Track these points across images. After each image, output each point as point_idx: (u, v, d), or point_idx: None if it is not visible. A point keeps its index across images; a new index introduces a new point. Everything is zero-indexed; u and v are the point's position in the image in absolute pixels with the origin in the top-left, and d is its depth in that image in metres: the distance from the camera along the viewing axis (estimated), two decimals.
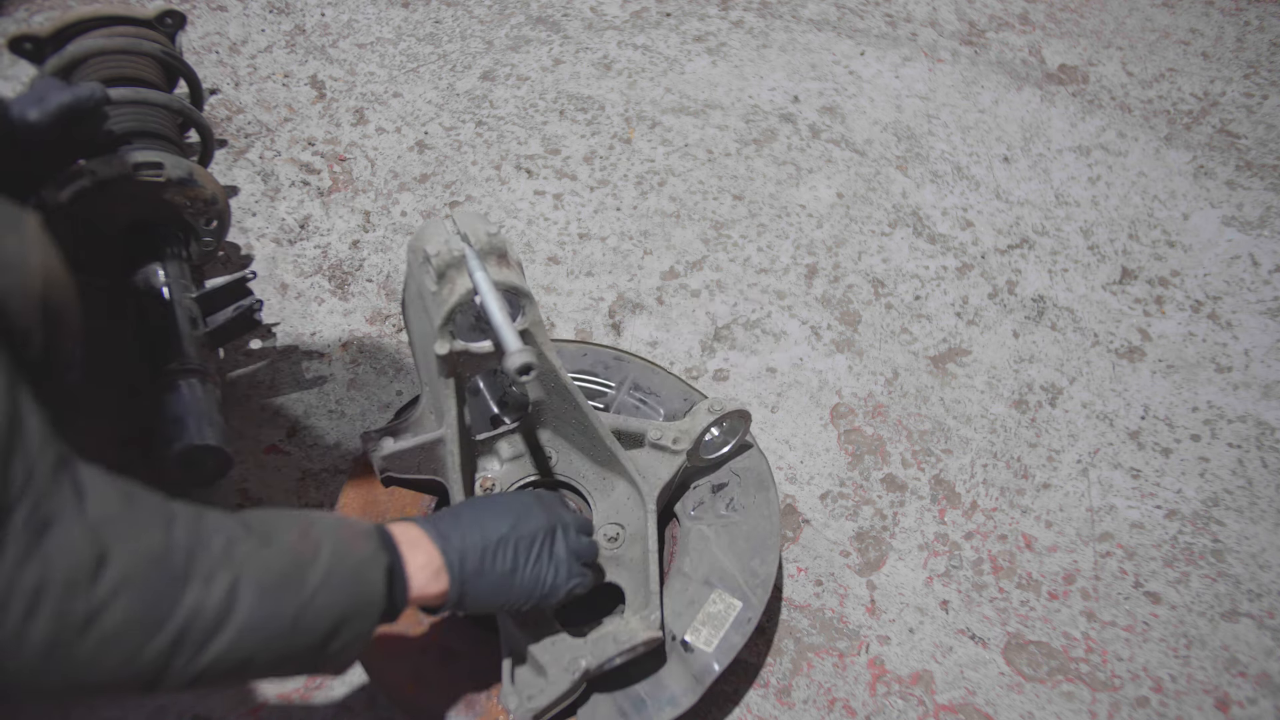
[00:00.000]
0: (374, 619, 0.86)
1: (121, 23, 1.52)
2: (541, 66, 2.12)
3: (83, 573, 0.67)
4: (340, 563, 0.84)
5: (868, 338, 1.67)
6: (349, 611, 0.83)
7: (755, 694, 1.26)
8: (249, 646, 0.76)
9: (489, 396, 1.22)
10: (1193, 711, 1.27)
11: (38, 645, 0.66)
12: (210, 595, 0.74)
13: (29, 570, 0.65)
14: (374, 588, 0.86)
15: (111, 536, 0.70)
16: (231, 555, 0.76)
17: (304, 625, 0.80)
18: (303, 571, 0.80)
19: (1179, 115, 2.11)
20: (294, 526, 0.84)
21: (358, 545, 0.86)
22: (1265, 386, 1.63)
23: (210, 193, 1.41)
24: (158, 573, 0.71)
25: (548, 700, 1.02)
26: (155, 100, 1.44)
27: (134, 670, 0.71)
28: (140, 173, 1.33)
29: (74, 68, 1.44)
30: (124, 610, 0.69)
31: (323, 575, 0.81)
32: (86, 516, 0.69)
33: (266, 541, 0.80)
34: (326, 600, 0.81)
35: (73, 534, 0.67)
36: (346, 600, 0.83)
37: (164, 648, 0.72)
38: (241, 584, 0.76)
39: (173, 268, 1.38)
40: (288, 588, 0.79)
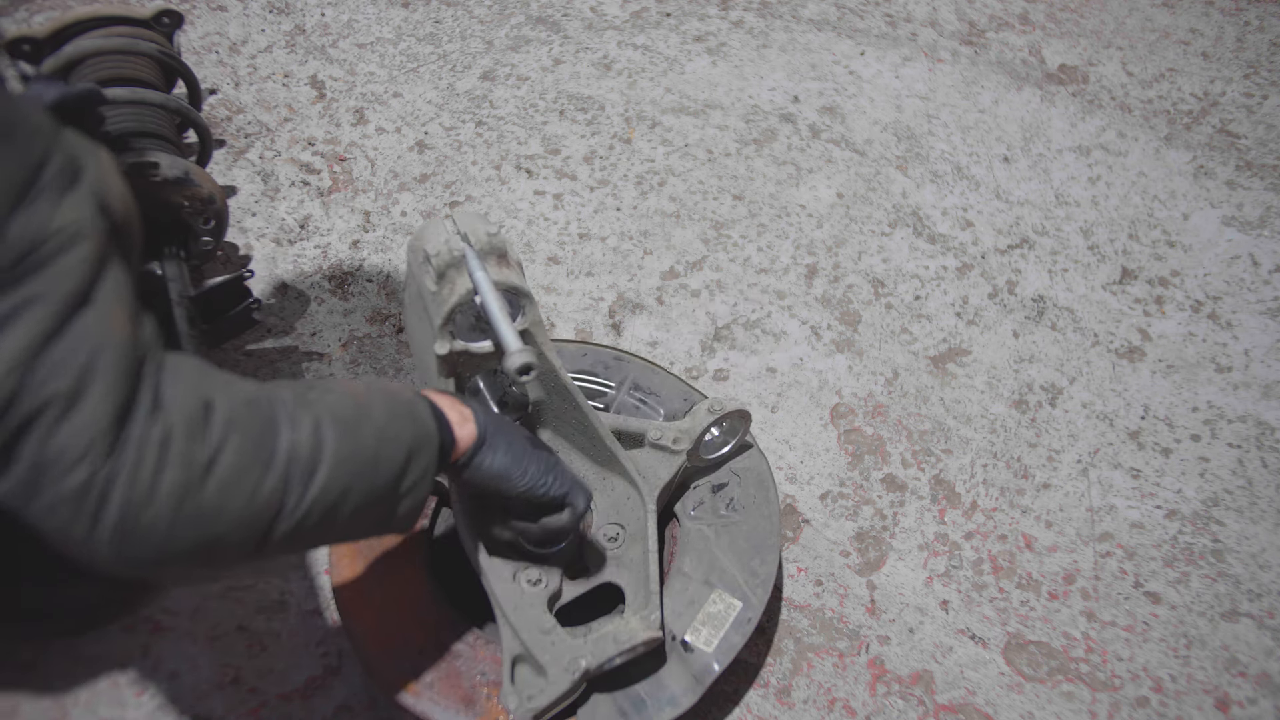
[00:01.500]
0: (435, 450, 0.91)
1: (119, 23, 1.52)
2: (541, 66, 2.12)
3: (197, 419, 0.73)
4: (393, 402, 0.90)
5: (868, 338, 1.67)
6: (415, 442, 0.89)
7: (755, 694, 1.26)
8: (344, 479, 0.82)
9: (489, 396, 1.22)
10: (1193, 711, 1.27)
11: (169, 495, 0.70)
12: (300, 433, 0.79)
13: (156, 423, 0.71)
14: (427, 422, 0.91)
15: (210, 388, 0.76)
16: (305, 401, 0.82)
17: (384, 454, 0.85)
18: (367, 410, 0.86)
19: (1179, 115, 2.11)
20: (338, 381, 0.90)
21: (400, 391, 0.93)
22: (1265, 386, 1.63)
23: (208, 192, 1.40)
24: (255, 416, 0.77)
25: (548, 700, 1.02)
26: (153, 100, 1.44)
27: (254, 511, 0.75)
28: (137, 172, 1.33)
29: (71, 68, 1.44)
30: (236, 451, 0.74)
31: (384, 412, 0.87)
32: (184, 374, 0.75)
33: (328, 390, 0.86)
34: (396, 431, 0.87)
35: (181, 387, 0.73)
36: (411, 432, 0.89)
37: (276, 483, 0.77)
38: (323, 423, 0.81)
39: (171, 267, 1.38)
40: (361, 422, 0.85)
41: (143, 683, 1.22)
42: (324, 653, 1.26)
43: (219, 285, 1.44)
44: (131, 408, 0.70)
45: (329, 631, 1.28)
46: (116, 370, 0.69)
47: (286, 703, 1.22)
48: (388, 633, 1.14)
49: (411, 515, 0.92)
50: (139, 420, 0.70)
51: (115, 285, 0.72)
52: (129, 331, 0.71)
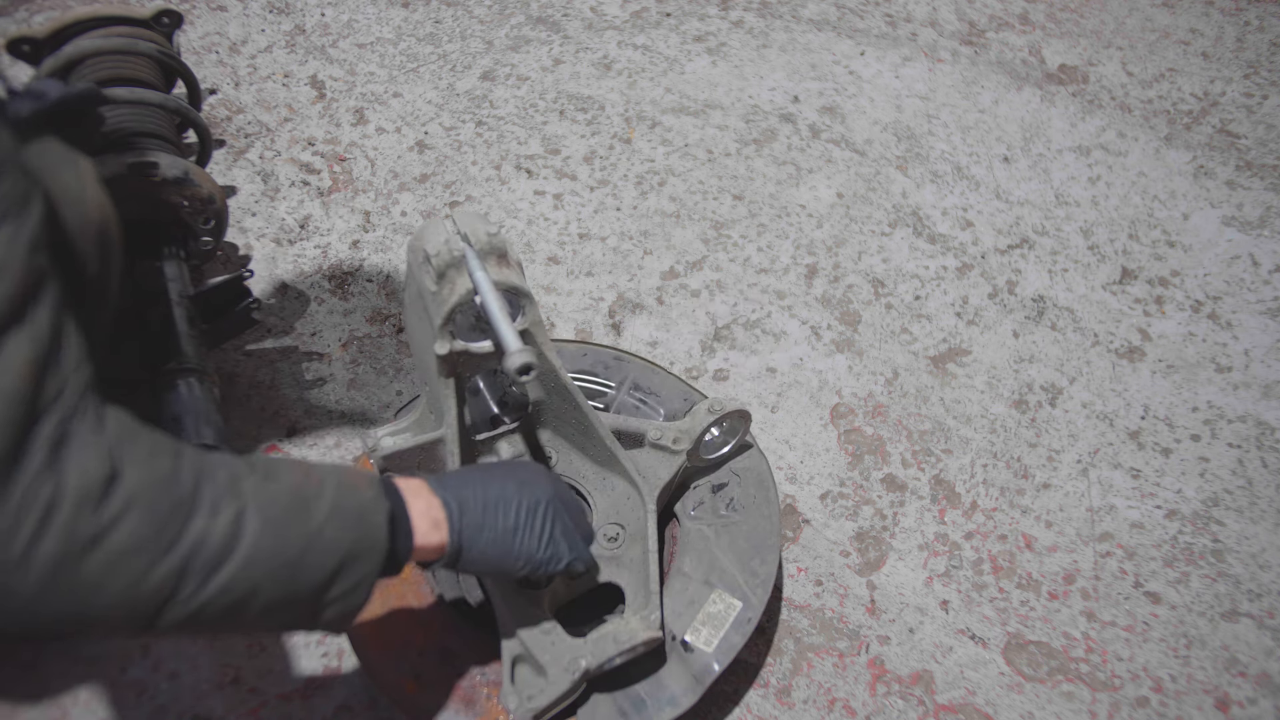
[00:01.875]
0: (378, 563, 0.85)
1: (118, 23, 1.52)
2: (541, 66, 2.12)
3: (94, 490, 0.68)
4: (344, 500, 0.83)
5: (868, 338, 1.67)
6: (354, 550, 0.82)
7: (755, 694, 1.26)
8: (254, 579, 0.76)
9: (489, 396, 1.22)
10: (1193, 711, 1.27)
11: (45, 563, 0.66)
12: (217, 524, 0.74)
13: (44, 484, 0.66)
14: (378, 530, 0.85)
15: (124, 458, 0.71)
16: (237, 488, 0.77)
17: (309, 561, 0.79)
18: (307, 506, 0.80)
19: (1179, 115, 2.11)
20: (296, 467, 0.84)
21: (360, 487, 0.86)
22: (1265, 386, 1.63)
23: (207, 192, 1.40)
24: (166, 496, 0.72)
25: (548, 700, 1.02)
26: (152, 100, 1.44)
27: (139, 595, 0.71)
28: (136, 172, 1.33)
29: (70, 68, 1.44)
30: (131, 530, 0.69)
31: (327, 512, 0.81)
32: (104, 437, 0.70)
33: (271, 477, 0.80)
34: (332, 536, 0.81)
35: (88, 451, 0.68)
36: (351, 538, 0.82)
37: (170, 573, 0.71)
38: (247, 515, 0.76)
39: (170, 267, 1.38)
40: (293, 521, 0.79)
41: (143, 683, 1.22)
42: (324, 653, 1.26)
43: (218, 285, 1.44)
44: (15, 465, 0.65)
45: None
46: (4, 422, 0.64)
47: (286, 703, 1.22)
48: (388, 633, 1.14)
49: (339, 622, 0.86)
50: (25, 478, 0.65)
51: (29, 334, 0.67)
52: (29, 383, 0.66)
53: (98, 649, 1.24)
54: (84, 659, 1.23)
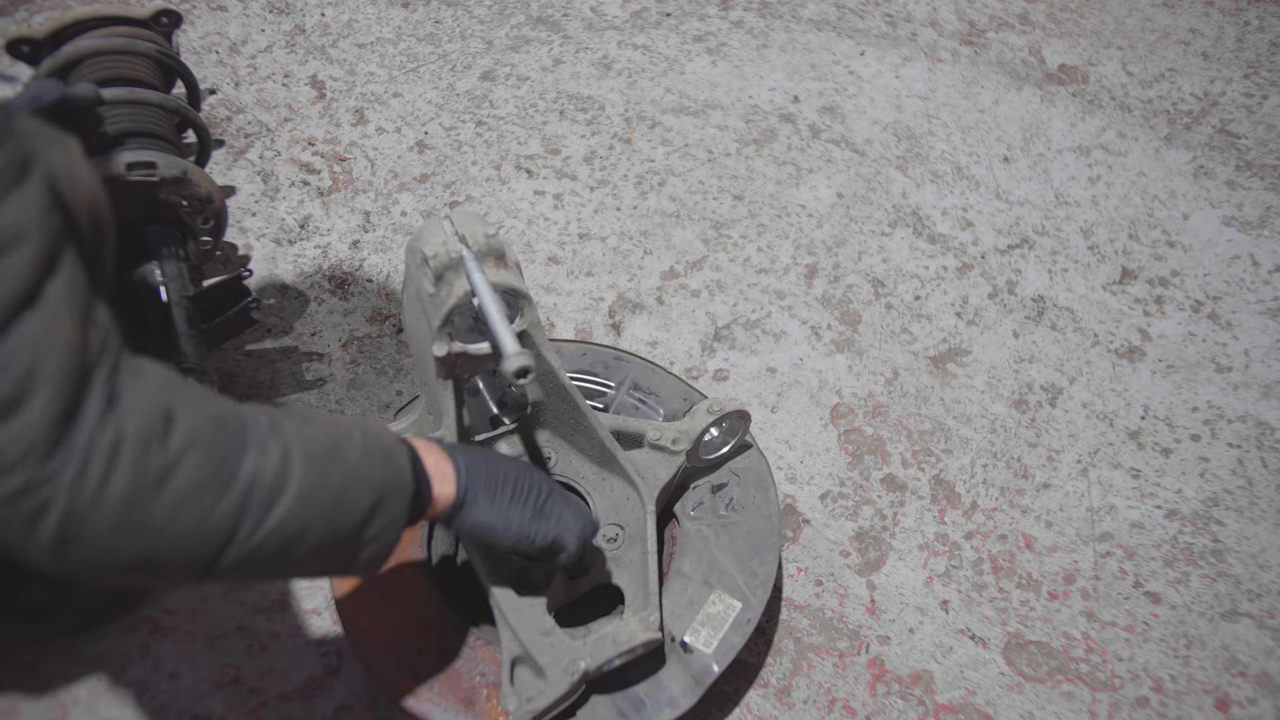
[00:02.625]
0: (407, 501, 0.88)
1: (117, 23, 1.52)
2: (541, 66, 2.12)
3: (154, 430, 0.70)
4: (372, 444, 0.87)
5: (868, 338, 1.67)
6: (386, 488, 0.86)
7: (755, 694, 1.26)
8: (305, 515, 0.79)
9: (488, 397, 1.22)
10: (1193, 711, 1.27)
11: (116, 505, 0.68)
12: (267, 461, 0.77)
13: (107, 427, 0.68)
14: (403, 470, 0.89)
15: (175, 400, 0.73)
16: (279, 429, 0.80)
17: (350, 497, 0.83)
18: (341, 447, 0.84)
19: (1179, 115, 2.11)
20: (323, 414, 0.88)
21: (383, 433, 0.90)
22: (1265, 386, 1.63)
23: (206, 191, 1.41)
24: (221, 435, 0.75)
25: (547, 701, 1.02)
26: (151, 100, 1.44)
27: (204, 534, 0.73)
28: (133, 172, 1.32)
29: (69, 69, 1.44)
30: (194, 468, 0.72)
31: (360, 452, 0.85)
32: (149, 383, 0.73)
33: (306, 421, 0.84)
34: (367, 474, 0.84)
35: (140, 396, 0.71)
36: (383, 476, 0.86)
37: (232, 509, 0.74)
38: (293, 453, 0.79)
39: (170, 267, 1.38)
40: (333, 458, 0.82)
41: (143, 683, 1.22)
42: (324, 653, 1.26)
43: (217, 285, 1.44)
44: (77, 412, 0.67)
45: (329, 631, 1.28)
46: (60, 376, 0.66)
47: (286, 703, 1.22)
48: (388, 633, 1.14)
49: (375, 562, 0.89)
50: (86, 425, 0.67)
51: (65, 287, 0.70)
52: (77, 335, 0.69)
53: (98, 649, 1.24)
54: (84, 659, 1.23)
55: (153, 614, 1.28)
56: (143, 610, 1.28)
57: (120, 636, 1.25)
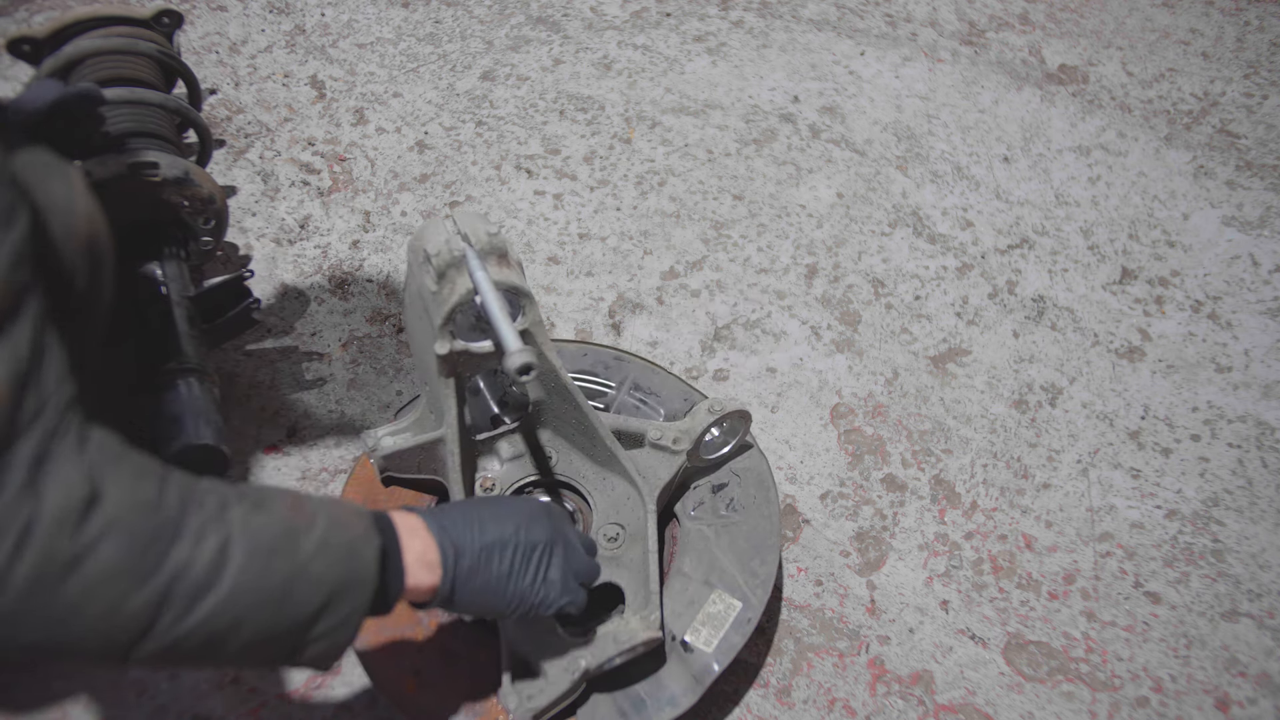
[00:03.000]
0: (366, 599, 0.83)
1: (118, 23, 1.52)
2: (541, 66, 2.12)
3: (73, 511, 0.66)
4: (334, 535, 0.81)
5: (868, 338, 1.67)
6: (341, 587, 0.80)
7: (755, 694, 1.26)
8: (236, 611, 0.74)
9: (489, 396, 1.22)
10: (1193, 711, 1.27)
11: (20, 585, 0.64)
12: (201, 553, 0.72)
13: (23, 505, 0.64)
14: (367, 567, 0.83)
15: (106, 480, 0.69)
16: (224, 516, 0.75)
17: (295, 595, 0.77)
18: (295, 539, 0.78)
19: (1179, 115, 2.11)
20: (286, 497, 0.82)
21: (352, 523, 0.84)
22: (1265, 386, 1.63)
23: (207, 192, 1.41)
24: (148, 522, 0.70)
25: (547, 700, 1.02)
26: (152, 100, 1.44)
27: (116, 623, 0.69)
28: (136, 173, 1.32)
29: (70, 69, 1.44)
30: (111, 555, 0.67)
31: (316, 545, 0.79)
32: (85, 457, 0.69)
33: (260, 508, 0.78)
34: (320, 570, 0.79)
35: (68, 471, 0.67)
36: (339, 574, 0.80)
37: (149, 601, 0.69)
38: (233, 544, 0.74)
39: (171, 267, 1.38)
40: (280, 553, 0.77)
41: (143, 683, 1.22)
42: None
43: (219, 285, 1.44)
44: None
45: None
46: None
47: (286, 703, 1.22)
48: (388, 632, 1.14)
49: (323, 659, 0.83)
50: (1, 500, 0.64)
51: (7, 351, 0.66)
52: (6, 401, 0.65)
53: None
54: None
55: None
56: None
57: None
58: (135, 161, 1.32)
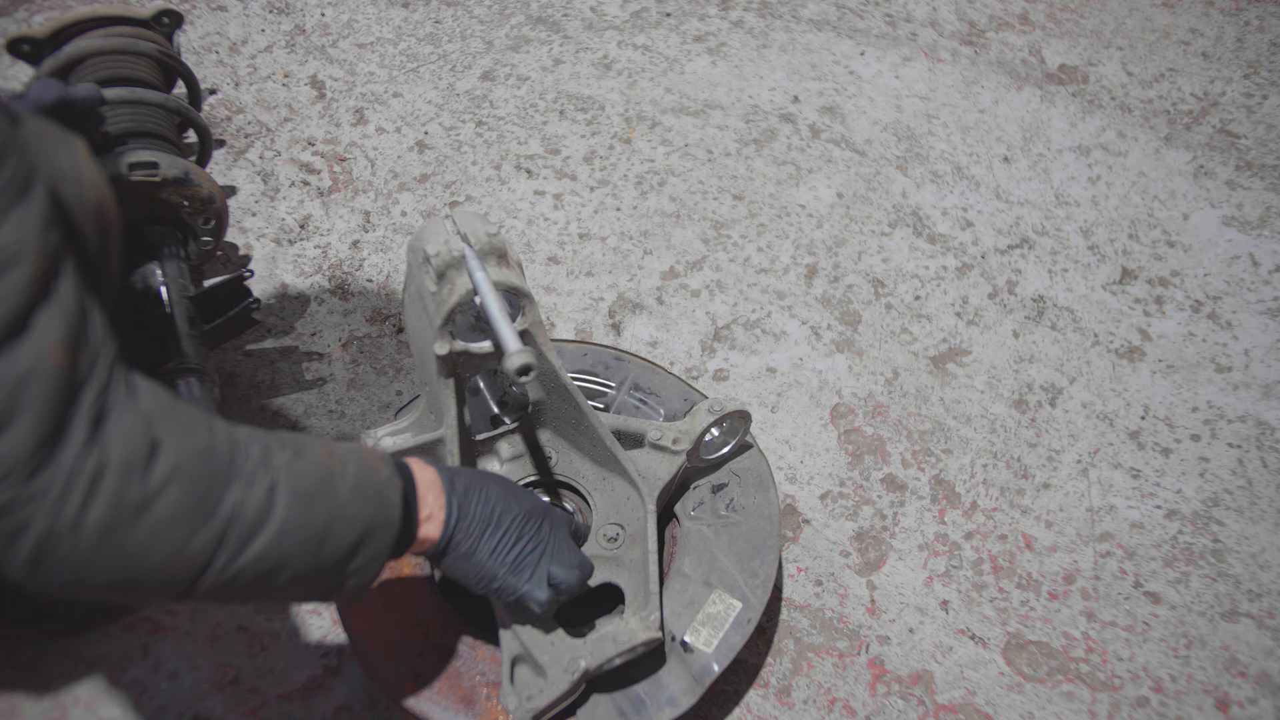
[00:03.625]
0: (391, 538, 0.89)
1: (118, 23, 1.52)
2: (541, 66, 2.12)
3: (138, 459, 0.71)
4: (365, 479, 0.87)
5: (868, 338, 1.67)
6: (372, 526, 0.86)
7: (755, 694, 1.26)
8: (284, 550, 0.79)
9: (489, 396, 1.22)
10: (1193, 711, 1.27)
11: (94, 530, 0.69)
12: (252, 495, 0.77)
13: (89, 456, 0.68)
14: (393, 508, 0.89)
15: (163, 429, 0.73)
16: (269, 461, 0.80)
17: (334, 534, 0.83)
18: (333, 483, 0.84)
19: (1179, 115, 2.11)
20: (321, 445, 0.87)
21: (379, 468, 0.90)
22: (1265, 386, 1.63)
23: (207, 191, 1.40)
24: (206, 467, 0.75)
25: (547, 700, 1.02)
26: (151, 100, 1.44)
27: (179, 563, 0.74)
28: (135, 172, 1.32)
29: (70, 69, 1.44)
30: (175, 499, 0.72)
31: (351, 488, 0.85)
32: (140, 408, 0.73)
33: (300, 454, 0.83)
34: (354, 512, 0.85)
35: (127, 423, 0.71)
36: (371, 514, 0.86)
37: (209, 541, 0.74)
38: (279, 488, 0.79)
39: (170, 267, 1.38)
40: (321, 496, 0.82)
41: (143, 683, 1.22)
42: (324, 653, 1.26)
43: (219, 285, 1.44)
44: (61, 438, 0.68)
45: (329, 631, 1.28)
46: (45, 401, 0.67)
47: (286, 703, 1.22)
48: (388, 633, 1.14)
49: (356, 592, 0.90)
50: (70, 451, 0.68)
51: (58, 310, 0.70)
52: (65, 359, 0.68)
53: (98, 649, 1.24)
54: (84, 659, 1.23)
55: (153, 614, 1.28)
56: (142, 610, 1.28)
57: (120, 636, 1.25)
58: (135, 161, 1.32)
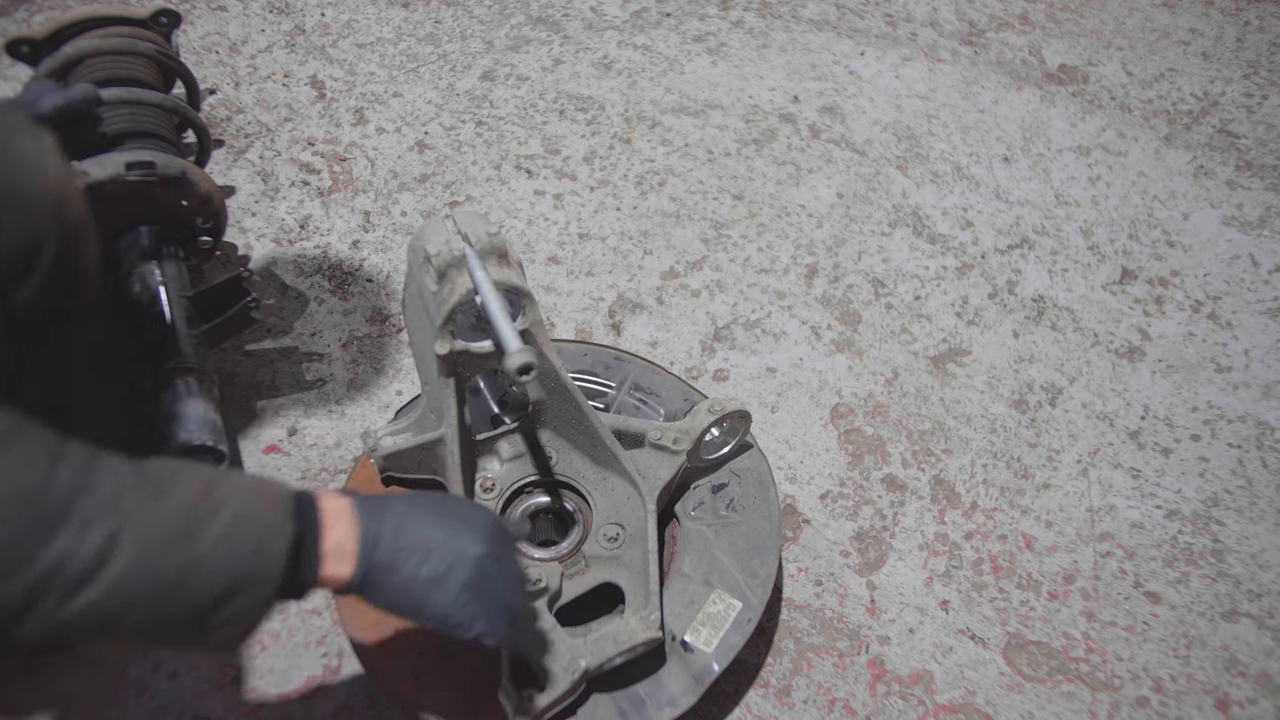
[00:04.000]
0: (269, 593, 0.79)
1: (116, 23, 1.52)
2: (541, 66, 2.12)
3: None
4: (242, 525, 0.78)
5: (868, 338, 1.67)
6: (241, 579, 0.77)
7: (755, 694, 1.26)
8: (124, 599, 0.72)
9: (489, 396, 1.22)
10: (1193, 711, 1.27)
11: None
12: (85, 543, 0.70)
13: None
14: (273, 557, 0.79)
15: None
16: (118, 504, 0.72)
17: (189, 586, 0.75)
18: (195, 530, 0.75)
19: (1179, 115, 2.11)
20: (197, 481, 0.78)
21: (265, 512, 0.80)
22: (1265, 386, 1.63)
23: (205, 191, 1.40)
24: (26, 510, 0.69)
25: (547, 700, 1.02)
26: (149, 100, 1.44)
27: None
28: (132, 172, 1.32)
29: (68, 69, 1.44)
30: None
31: (219, 536, 0.76)
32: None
33: (161, 493, 0.75)
34: (219, 562, 0.76)
35: None
36: (241, 566, 0.77)
37: (24, 590, 0.69)
38: (123, 535, 0.72)
39: (169, 267, 1.38)
40: (175, 544, 0.74)
41: (142, 683, 1.22)
42: (324, 653, 1.26)
43: (217, 285, 1.44)
44: None
45: (329, 631, 1.28)
46: None
47: (286, 703, 1.22)
48: (388, 633, 1.14)
49: (226, 646, 0.81)
50: None
51: None
52: None
53: (98, 649, 1.24)
54: (84, 659, 1.23)
55: None
56: None
57: None
58: (132, 161, 1.32)
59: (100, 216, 1.35)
